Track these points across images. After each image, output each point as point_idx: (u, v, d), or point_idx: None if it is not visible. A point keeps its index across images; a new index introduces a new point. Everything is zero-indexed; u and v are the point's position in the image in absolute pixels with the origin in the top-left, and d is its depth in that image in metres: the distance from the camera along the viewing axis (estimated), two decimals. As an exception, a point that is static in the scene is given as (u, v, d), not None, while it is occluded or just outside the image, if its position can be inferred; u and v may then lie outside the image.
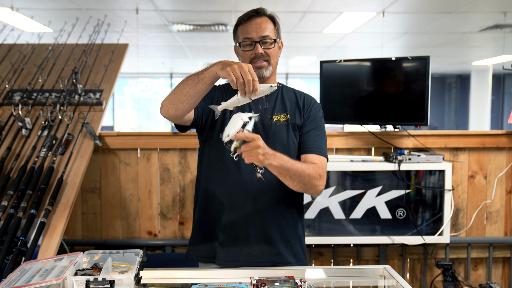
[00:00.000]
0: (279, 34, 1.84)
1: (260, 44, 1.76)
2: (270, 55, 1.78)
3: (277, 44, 1.81)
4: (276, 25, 1.83)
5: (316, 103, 1.91)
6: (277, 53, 1.83)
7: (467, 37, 7.46)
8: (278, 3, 5.36)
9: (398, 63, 2.70)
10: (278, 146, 1.77)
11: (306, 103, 1.88)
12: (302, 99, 1.89)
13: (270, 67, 1.79)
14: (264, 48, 1.76)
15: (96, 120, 2.55)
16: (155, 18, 5.99)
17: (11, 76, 2.77)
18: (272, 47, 1.78)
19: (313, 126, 1.85)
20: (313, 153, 1.80)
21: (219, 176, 1.81)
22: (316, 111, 1.88)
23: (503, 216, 2.87)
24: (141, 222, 2.84)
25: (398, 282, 1.54)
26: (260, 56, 1.76)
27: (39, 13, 5.65)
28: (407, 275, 2.91)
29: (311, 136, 1.83)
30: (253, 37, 1.76)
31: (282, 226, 1.81)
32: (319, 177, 1.74)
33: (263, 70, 1.77)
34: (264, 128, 1.82)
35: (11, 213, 1.94)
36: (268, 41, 1.77)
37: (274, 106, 1.86)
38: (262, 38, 1.76)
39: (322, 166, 1.78)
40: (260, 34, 1.76)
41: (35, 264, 1.53)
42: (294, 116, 1.85)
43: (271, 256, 1.79)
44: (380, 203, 2.63)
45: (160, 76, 13.70)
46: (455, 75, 13.59)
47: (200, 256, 1.87)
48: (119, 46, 3.06)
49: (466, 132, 2.83)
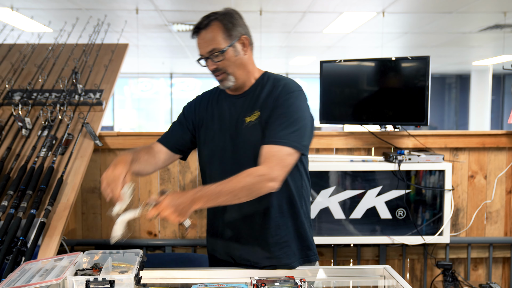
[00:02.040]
0: (233, 34, 1.66)
1: (210, 59, 1.66)
2: (224, 66, 1.66)
3: (232, 48, 1.66)
4: (226, 26, 1.65)
5: (287, 88, 1.68)
6: (235, 58, 1.67)
7: (467, 37, 7.46)
8: (278, 3, 5.36)
9: (398, 63, 2.70)
10: (250, 151, 1.66)
11: (280, 90, 1.68)
12: (278, 87, 1.69)
13: (230, 76, 1.68)
14: (216, 62, 1.65)
15: (96, 120, 2.55)
16: (155, 18, 5.99)
17: (11, 76, 2.77)
18: (222, 58, 1.64)
19: (278, 114, 1.63)
20: (268, 144, 1.59)
21: (211, 177, 1.78)
22: (285, 97, 1.66)
23: (503, 216, 2.87)
24: (141, 222, 2.84)
25: (398, 282, 1.54)
26: (216, 70, 1.67)
27: (39, 13, 5.65)
28: (407, 275, 2.91)
29: (273, 125, 1.62)
30: (203, 54, 1.67)
31: (277, 226, 1.73)
32: (264, 177, 1.54)
33: (224, 83, 1.70)
34: (236, 133, 1.71)
35: (11, 213, 1.94)
36: (216, 54, 1.64)
37: (250, 104, 1.72)
38: (210, 53, 1.64)
39: (274, 160, 1.56)
40: (207, 50, 1.64)
41: (35, 264, 1.53)
42: (267, 110, 1.67)
43: (267, 259, 1.74)
44: (380, 203, 2.63)
45: (160, 76, 13.70)
46: (455, 75, 13.60)
47: (211, 249, 1.88)
48: (119, 46, 3.06)
49: (466, 132, 2.83)
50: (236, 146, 1.71)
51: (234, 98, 1.77)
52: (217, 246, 1.84)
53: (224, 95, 1.80)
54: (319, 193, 2.64)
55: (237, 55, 1.68)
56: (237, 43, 1.68)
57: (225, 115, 1.77)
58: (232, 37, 1.66)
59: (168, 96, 13.60)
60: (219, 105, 1.79)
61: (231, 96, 1.78)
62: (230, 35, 1.66)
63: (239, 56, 1.69)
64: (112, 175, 1.47)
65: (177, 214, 1.45)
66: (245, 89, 1.75)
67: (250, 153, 1.66)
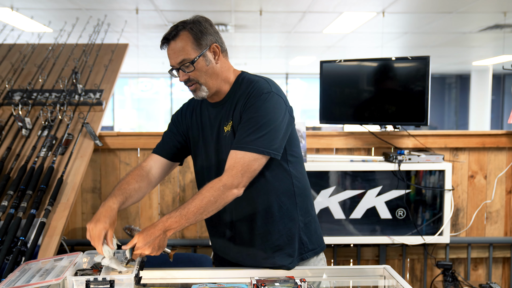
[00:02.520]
0: (203, 43, 1.61)
1: (182, 69, 1.62)
2: (196, 76, 1.62)
3: (203, 57, 1.61)
4: (195, 35, 1.61)
5: (256, 91, 1.62)
6: (206, 68, 1.62)
7: (467, 37, 7.46)
8: (278, 3, 5.36)
9: (398, 63, 2.70)
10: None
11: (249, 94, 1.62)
12: (250, 91, 1.63)
13: (203, 86, 1.64)
14: (187, 72, 1.62)
15: (96, 120, 2.55)
16: (155, 18, 5.99)
17: (11, 76, 2.77)
18: (192, 69, 1.61)
19: (246, 119, 1.60)
20: (233, 150, 1.58)
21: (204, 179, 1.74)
22: (253, 100, 1.60)
23: (503, 216, 2.87)
24: (141, 222, 2.84)
25: (398, 282, 1.54)
26: (188, 81, 1.64)
27: (39, 13, 5.65)
28: (407, 275, 2.91)
29: (240, 131, 1.59)
30: (173, 65, 1.63)
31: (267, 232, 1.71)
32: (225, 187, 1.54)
33: (197, 93, 1.66)
34: (218, 143, 1.69)
35: (11, 213, 1.94)
36: (186, 65, 1.60)
37: (226, 112, 1.68)
38: (180, 64, 1.61)
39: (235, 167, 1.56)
40: (177, 61, 1.61)
41: (35, 264, 1.53)
42: (238, 118, 1.63)
43: (264, 260, 1.73)
44: (380, 203, 2.63)
45: (160, 76, 13.70)
46: (455, 75, 13.60)
47: (214, 248, 1.88)
48: (119, 46, 3.06)
49: (466, 132, 2.83)
50: (218, 156, 1.69)
51: (211, 106, 1.73)
52: (217, 245, 1.85)
53: (205, 104, 1.77)
54: (319, 193, 2.64)
55: (208, 64, 1.63)
56: (207, 52, 1.63)
57: (206, 125, 1.75)
58: (202, 46, 1.61)
59: (168, 96, 13.60)
60: (201, 115, 1.77)
61: (210, 105, 1.74)
62: (200, 44, 1.61)
63: (211, 65, 1.64)
64: (94, 232, 1.47)
65: (156, 248, 1.48)
66: (222, 97, 1.71)
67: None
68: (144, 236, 1.46)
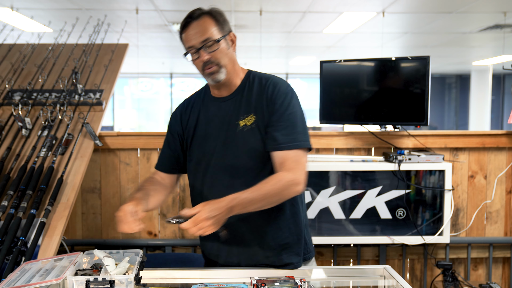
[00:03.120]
0: (224, 28, 1.66)
1: (203, 50, 1.62)
2: (217, 57, 1.63)
3: (224, 40, 1.64)
4: (218, 19, 1.65)
5: (280, 90, 1.67)
6: (227, 51, 1.65)
7: (467, 37, 7.46)
8: (278, 3, 5.36)
9: (398, 63, 2.70)
10: (245, 156, 1.65)
11: (269, 94, 1.67)
12: (268, 88, 1.67)
13: (223, 68, 1.65)
14: (209, 52, 1.62)
15: (96, 120, 2.55)
16: (155, 18, 5.99)
17: (11, 76, 2.77)
18: (216, 48, 1.62)
19: (279, 117, 1.63)
20: (280, 150, 1.61)
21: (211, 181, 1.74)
22: (282, 99, 1.65)
23: (503, 216, 2.87)
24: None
25: (398, 282, 1.54)
26: (208, 62, 1.63)
27: (39, 13, 5.65)
28: (407, 275, 2.91)
29: (278, 130, 1.62)
30: (195, 45, 1.62)
31: (278, 228, 1.72)
32: (292, 182, 1.58)
33: (215, 75, 1.65)
34: (228, 138, 1.67)
35: (11, 213, 1.94)
36: (210, 43, 1.61)
37: (240, 107, 1.69)
38: (203, 43, 1.61)
39: (295, 164, 1.60)
40: (200, 39, 1.61)
41: (35, 264, 1.53)
42: (263, 114, 1.65)
43: (270, 258, 1.74)
44: (380, 203, 2.63)
45: (160, 76, 13.71)
46: (455, 75, 13.60)
47: (208, 253, 1.84)
48: (119, 46, 3.06)
49: (466, 132, 2.83)
50: (228, 150, 1.68)
51: (220, 101, 1.73)
52: (213, 250, 1.80)
53: (209, 98, 1.76)
54: (319, 193, 2.64)
55: (228, 49, 1.67)
56: (227, 37, 1.67)
57: (213, 119, 1.73)
58: (224, 31, 1.66)
59: (168, 96, 13.61)
60: (204, 109, 1.76)
61: (217, 99, 1.74)
62: (222, 28, 1.65)
63: (230, 50, 1.68)
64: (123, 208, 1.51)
65: (215, 224, 1.45)
66: (232, 90, 1.71)
67: (245, 158, 1.65)
68: (209, 207, 1.44)
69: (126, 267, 1.46)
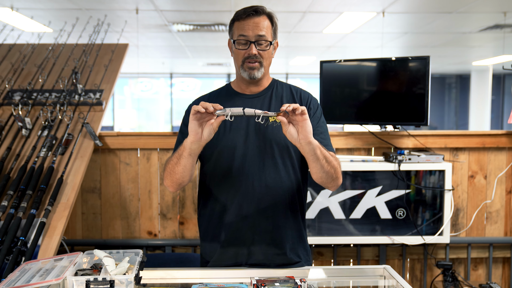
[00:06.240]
0: (275, 35, 1.78)
1: (255, 45, 1.69)
2: (263, 57, 1.72)
3: (272, 45, 1.75)
4: (274, 25, 1.76)
5: (314, 99, 1.85)
6: (271, 55, 1.77)
7: (467, 37, 7.46)
8: (278, 3, 5.35)
9: (398, 63, 2.70)
10: (277, 149, 1.73)
11: (303, 100, 1.82)
12: (298, 96, 1.83)
13: (262, 68, 1.73)
14: (259, 49, 1.70)
15: (96, 120, 2.55)
16: (155, 18, 5.99)
17: (11, 76, 2.77)
18: (267, 49, 1.72)
19: (315, 123, 1.76)
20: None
21: (225, 181, 1.76)
22: (315, 107, 1.82)
23: (503, 216, 2.87)
24: (141, 222, 2.84)
25: (398, 282, 1.54)
26: (254, 56, 1.70)
27: (39, 13, 5.65)
28: (407, 275, 2.91)
29: (316, 133, 1.73)
30: (249, 36, 1.69)
31: (287, 228, 1.76)
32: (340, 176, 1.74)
33: (254, 71, 1.72)
34: (260, 130, 1.74)
35: (11, 213, 1.94)
36: (264, 42, 1.70)
37: (269, 105, 1.79)
38: (258, 38, 1.69)
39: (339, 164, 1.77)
40: (257, 33, 1.69)
41: (35, 264, 1.53)
42: None
43: (277, 256, 1.75)
44: (380, 203, 2.63)
45: (160, 76, 13.70)
46: (455, 75, 13.59)
47: (208, 256, 1.84)
48: (119, 46, 3.06)
49: (466, 132, 2.83)
50: (258, 141, 1.74)
51: (246, 96, 1.80)
52: (215, 253, 1.80)
53: (235, 95, 1.82)
54: (319, 193, 2.64)
55: (272, 53, 1.78)
56: (275, 43, 1.78)
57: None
58: (275, 36, 1.78)
59: (168, 96, 13.59)
60: (231, 103, 1.78)
61: (243, 95, 1.81)
62: (275, 33, 1.77)
63: (272, 55, 1.79)
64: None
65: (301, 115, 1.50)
66: (260, 90, 1.81)
67: (274, 149, 1.73)
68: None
69: (126, 267, 1.46)
